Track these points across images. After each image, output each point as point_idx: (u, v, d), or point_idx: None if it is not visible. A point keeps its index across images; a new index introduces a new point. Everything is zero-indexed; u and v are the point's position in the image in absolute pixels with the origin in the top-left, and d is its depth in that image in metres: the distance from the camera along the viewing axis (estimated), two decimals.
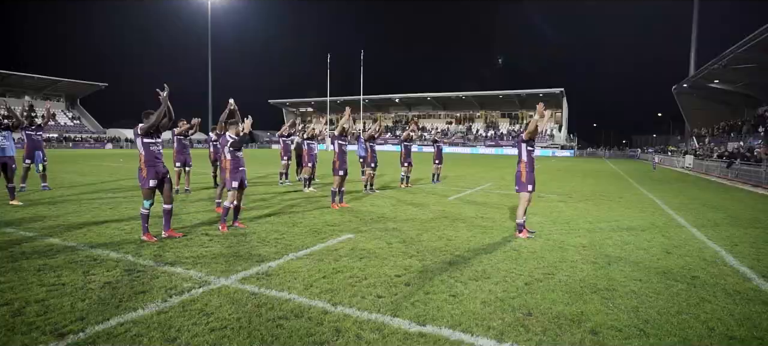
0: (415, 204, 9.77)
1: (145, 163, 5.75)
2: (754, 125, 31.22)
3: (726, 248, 6.23)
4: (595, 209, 9.76)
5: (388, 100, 79.40)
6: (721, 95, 41.95)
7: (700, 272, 4.98)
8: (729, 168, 22.26)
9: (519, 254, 5.56)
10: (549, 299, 3.96)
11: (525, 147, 6.56)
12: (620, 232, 7.22)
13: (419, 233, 6.71)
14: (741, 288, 4.44)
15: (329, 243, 5.88)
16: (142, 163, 5.77)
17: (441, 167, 15.48)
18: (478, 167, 26.28)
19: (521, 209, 6.61)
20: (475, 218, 8.21)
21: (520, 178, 6.57)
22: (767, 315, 3.74)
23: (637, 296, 4.11)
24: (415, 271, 4.71)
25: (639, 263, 5.30)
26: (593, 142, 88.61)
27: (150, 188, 5.77)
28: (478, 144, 67.09)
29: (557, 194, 12.78)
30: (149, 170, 5.76)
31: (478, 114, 75.86)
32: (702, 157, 29.97)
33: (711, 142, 36.55)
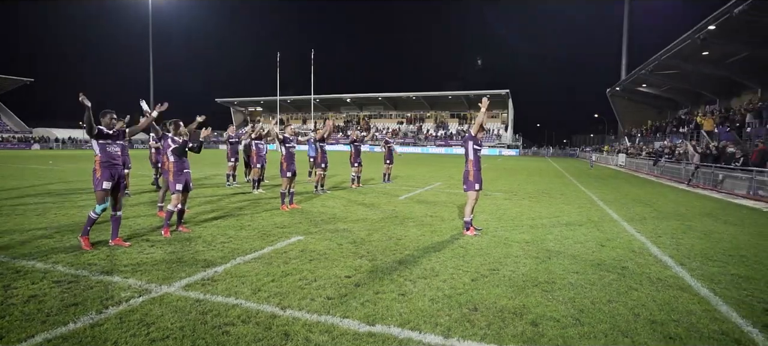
0: (366, 204, 9.81)
1: (100, 165, 5.45)
2: (676, 126, 34.02)
3: (651, 239, 6.76)
4: (538, 206, 10.25)
5: (339, 99, 78.99)
6: (648, 98, 45.37)
7: (629, 262, 5.38)
8: (655, 165, 24.11)
9: (466, 251, 5.74)
10: (494, 294, 4.13)
11: (472, 146, 6.77)
12: (560, 227, 7.63)
13: (370, 233, 6.75)
14: (662, 276, 4.85)
15: (278, 246, 5.78)
16: (97, 164, 5.47)
17: (392, 167, 15.65)
18: (429, 167, 26.77)
19: (469, 208, 6.82)
20: (424, 216, 8.38)
21: (468, 177, 6.77)
22: (683, 299, 4.12)
23: (574, 288, 4.37)
24: (365, 271, 4.74)
25: (576, 256, 5.64)
26: (537, 142, 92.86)
27: (104, 190, 5.43)
28: (428, 144, 68.30)
29: (503, 192, 13.29)
30: (104, 172, 5.45)
31: (428, 114, 77.20)
32: (633, 156, 32.26)
33: (641, 142, 39.41)
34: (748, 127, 22.68)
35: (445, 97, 71.91)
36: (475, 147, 6.75)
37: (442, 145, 66.65)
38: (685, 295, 4.25)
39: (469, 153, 6.77)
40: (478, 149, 6.80)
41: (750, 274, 5.01)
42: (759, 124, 22.03)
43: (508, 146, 64.35)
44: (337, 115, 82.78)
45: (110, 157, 5.51)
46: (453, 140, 67.03)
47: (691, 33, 24.01)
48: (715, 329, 3.47)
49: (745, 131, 22.42)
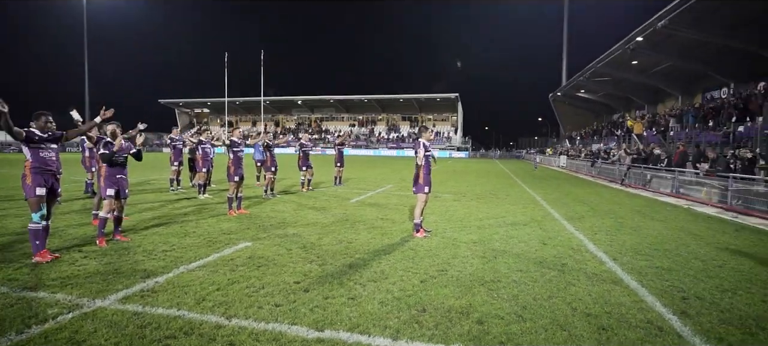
0: (317, 208, 9.71)
1: (30, 170, 4.99)
2: (611, 129, 36.40)
3: (588, 236, 7.19)
4: (485, 207, 10.59)
5: (290, 101, 77.66)
6: (586, 103, 48.23)
7: (568, 259, 5.69)
8: (593, 166, 25.66)
9: (415, 252, 5.83)
10: (442, 295, 4.22)
11: (423, 152, 6.89)
12: (506, 227, 7.94)
13: (320, 237, 6.69)
14: (597, 270, 5.17)
15: (225, 253, 5.59)
16: (27, 169, 5.01)
17: (343, 170, 15.60)
18: (380, 169, 26.93)
19: (418, 210, 6.94)
20: (375, 219, 8.42)
21: (418, 180, 6.89)
22: (615, 292, 4.41)
23: (518, 285, 4.56)
24: (314, 276, 4.69)
25: (520, 254, 5.88)
26: (486, 144, 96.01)
27: (38, 196, 4.98)
28: (380, 146, 68.71)
29: (452, 193, 13.62)
30: (36, 177, 5.00)
31: (380, 117, 77.68)
32: (573, 157, 34.13)
33: (580, 144, 41.78)
34: (671, 131, 24.67)
35: (397, 100, 72.67)
36: (426, 153, 6.89)
37: (393, 147, 67.27)
38: (617, 288, 4.55)
39: (420, 158, 6.89)
40: (429, 155, 6.94)
41: (672, 266, 5.46)
42: (680, 128, 24.03)
43: (458, 148, 66.02)
44: (287, 117, 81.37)
45: (43, 162, 5.08)
46: (405, 143, 67.82)
47: (622, 43, 25.79)
48: (642, 319, 3.74)
49: (669, 134, 24.37)
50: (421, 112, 75.11)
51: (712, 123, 21.43)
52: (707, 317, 3.83)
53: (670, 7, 19.71)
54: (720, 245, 6.77)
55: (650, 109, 35.54)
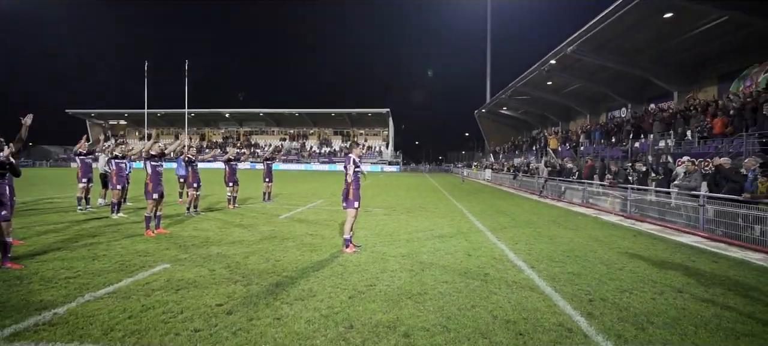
0: (244, 225, 9.35)
1: None
2: (530, 144, 39.08)
3: (509, 246, 7.62)
4: (415, 220, 10.84)
5: (216, 114, 74.46)
6: (508, 119, 51.45)
7: (490, 269, 5.97)
8: (515, 179, 27.30)
9: (344, 268, 5.81)
10: (370, 310, 4.24)
11: (353, 167, 6.93)
12: (433, 240, 8.17)
13: (246, 256, 6.44)
14: (517, 278, 5.49)
15: (139, 276, 5.19)
16: None
17: (272, 186, 15.20)
18: (312, 184, 26.59)
19: (349, 225, 6.94)
20: (305, 236, 8.28)
21: (348, 195, 6.90)
22: (532, 298, 4.71)
23: (443, 297, 4.70)
24: (238, 297, 4.50)
25: (446, 266, 6.08)
26: (416, 159, 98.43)
27: None
28: (312, 161, 67.94)
29: (383, 207, 13.79)
30: None
31: (312, 131, 76.97)
32: (497, 171, 36.08)
33: (503, 158, 44.32)
34: (581, 146, 27.01)
35: (329, 114, 72.52)
36: (356, 169, 6.93)
37: (325, 162, 66.82)
38: (534, 294, 4.86)
39: (350, 173, 6.92)
40: (359, 170, 6.99)
41: (581, 271, 5.94)
42: (589, 144, 26.40)
43: (390, 163, 67.11)
44: (214, 130, 77.90)
45: None
46: (337, 157, 67.66)
47: (538, 65, 27.95)
48: (554, 322, 4.02)
49: (580, 149, 26.67)
50: (354, 126, 75.52)
51: (614, 139, 23.79)
52: (609, 316, 4.20)
53: (577, 35, 21.75)
54: (621, 250, 7.49)
55: (564, 126, 38.68)
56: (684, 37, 19.54)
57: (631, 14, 17.91)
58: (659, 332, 3.83)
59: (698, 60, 21.90)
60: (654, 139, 19.19)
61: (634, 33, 20.22)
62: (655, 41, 20.85)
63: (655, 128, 20.05)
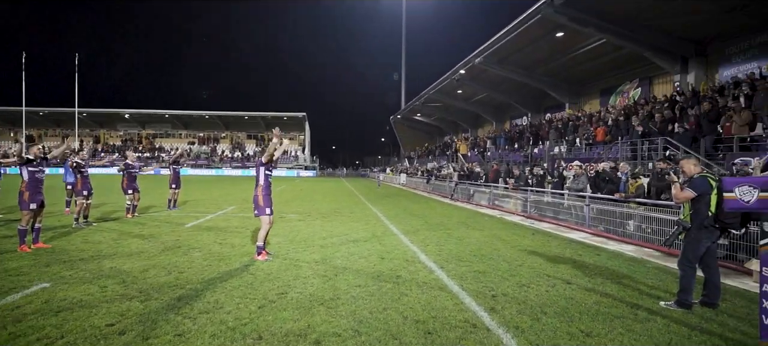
0: (144, 236, 8.60)
1: None
2: (442, 150, 40.93)
3: (421, 248, 7.89)
4: (330, 225, 10.78)
5: (113, 115, 67.62)
6: (422, 125, 53.41)
7: (402, 271, 6.13)
8: (428, 183, 28.36)
9: (255, 277, 5.59)
10: (280, 319, 4.12)
11: (263, 171, 6.71)
12: (348, 244, 8.19)
13: (145, 269, 5.92)
14: (427, 279, 5.70)
15: (8, 300, 4.52)
16: None
17: (179, 192, 14.18)
18: (223, 190, 25.26)
19: (263, 232, 6.70)
20: (213, 245, 7.83)
21: (258, 202, 6.67)
22: (441, 297, 4.92)
23: (356, 301, 4.73)
24: (134, 315, 4.12)
25: (360, 270, 6.12)
26: (333, 163, 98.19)
27: None
28: (223, 166, 64.58)
29: (298, 213, 13.52)
30: None
31: (224, 135, 73.21)
32: (412, 175, 37.21)
33: (417, 163, 45.84)
34: (488, 152, 28.88)
35: (242, 117, 69.46)
36: (266, 172, 6.72)
37: (238, 166, 63.90)
38: (443, 293, 5.08)
39: (260, 178, 6.70)
40: (269, 174, 6.79)
41: (486, 269, 6.34)
42: (495, 149, 28.32)
43: (306, 168, 66.09)
44: (111, 132, 70.79)
45: None
46: (250, 162, 65.07)
47: (450, 74, 29.42)
48: (461, 319, 4.24)
49: (487, 154, 28.49)
50: (268, 130, 73.20)
51: (517, 145, 25.78)
52: (509, 310, 4.53)
53: (483, 48, 23.30)
54: (521, 248, 8.13)
55: (473, 132, 41.07)
56: (573, 54, 21.84)
57: (528, 32, 19.59)
58: (551, 321, 4.20)
59: (584, 76, 24.62)
60: (550, 146, 21.14)
61: (532, 49, 22.15)
62: (550, 57, 23.05)
63: (550, 136, 22.10)
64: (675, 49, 18.07)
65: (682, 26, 16.99)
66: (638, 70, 21.28)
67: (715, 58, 17.62)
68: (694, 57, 17.92)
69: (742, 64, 16.31)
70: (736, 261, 6.59)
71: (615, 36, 17.66)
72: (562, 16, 16.98)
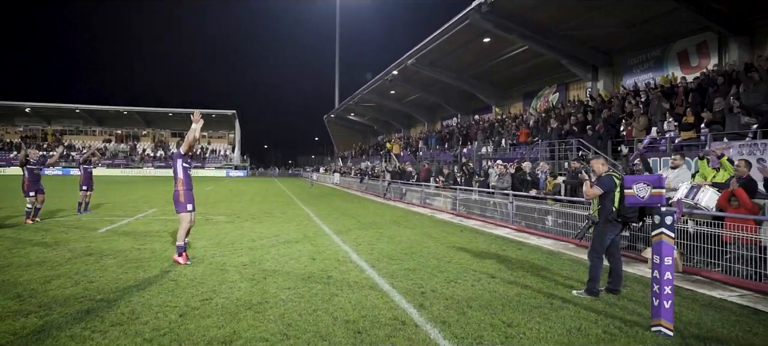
0: (46, 244, 7.75)
1: None
2: (376, 149, 41.30)
3: (352, 247, 7.89)
4: (260, 227, 10.45)
5: (12, 108, 60.42)
6: (356, 125, 53.51)
7: (333, 271, 6.09)
8: (361, 182, 28.47)
9: (176, 284, 5.26)
10: (203, 327, 3.91)
11: (181, 165, 6.35)
12: (279, 246, 7.98)
13: (47, 280, 5.33)
14: (358, 279, 5.71)
15: None
16: None
17: (91, 194, 12.98)
18: (144, 192, 23.51)
19: (182, 231, 6.33)
20: (130, 250, 7.26)
21: (179, 198, 6.31)
22: (371, 296, 4.94)
23: (285, 304, 4.61)
24: (27, 333, 3.69)
25: (290, 272, 5.99)
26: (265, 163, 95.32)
27: None
28: (145, 165, 60.19)
29: (226, 215, 12.96)
30: None
31: (145, 132, 68.29)
32: (346, 175, 37.13)
33: (351, 162, 45.84)
34: (420, 151, 29.60)
35: (166, 114, 65.20)
36: (184, 165, 6.37)
37: (161, 166, 59.89)
38: (374, 292, 5.11)
39: (178, 172, 6.34)
40: (187, 167, 6.44)
41: (416, 266, 6.48)
42: (426, 149, 29.10)
43: (236, 167, 63.59)
44: (9, 128, 63.22)
45: None
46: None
47: (383, 75, 29.74)
48: (390, 317, 4.29)
49: (418, 154, 29.19)
50: None
51: (447, 145, 26.67)
52: (437, 305, 4.66)
53: (415, 50, 23.84)
54: (450, 244, 8.41)
55: (405, 132, 41.86)
56: (499, 59, 23.03)
57: (458, 37, 20.35)
58: (476, 314, 4.39)
59: (509, 79, 26.05)
60: (478, 146, 22.12)
61: (461, 53, 23.03)
62: (478, 61, 24.12)
63: (478, 136, 23.13)
64: (587, 58, 19.73)
65: (594, 38, 18.61)
66: (556, 76, 22.93)
67: (619, 68, 19.47)
68: (603, 66, 19.70)
69: (640, 74, 18.17)
70: (636, 251, 7.32)
71: (536, 44, 18.89)
72: (489, 23, 17.83)
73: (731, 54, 14.76)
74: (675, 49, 16.82)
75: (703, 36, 15.71)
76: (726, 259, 6.08)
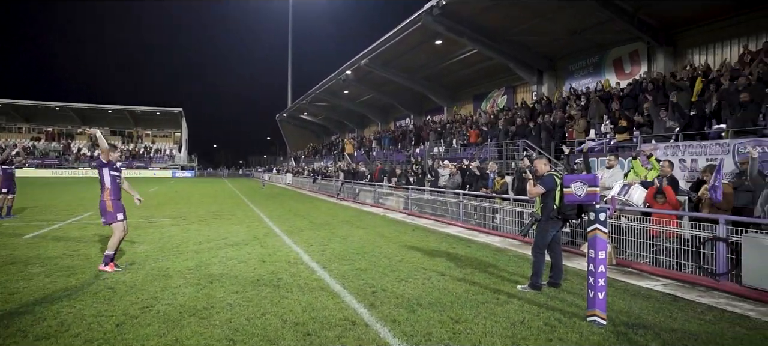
0: None
1: None
2: (329, 149, 40.99)
3: (304, 249, 7.79)
4: (207, 229, 10.07)
5: None
6: (309, 124, 52.87)
7: (284, 273, 5.98)
8: (314, 182, 28.16)
9: (114, 292, 4.97)
10: (142, 336, 3.72)
11: (109, 172, 6.01)
12: (226, 248, 7.73)
13: None
14: (309, 280, 5.65)
15: None
16: None
17: (13, 198, 11.95)
18: (78, 194, 21.98)
19: (116, 241, 5.99)
20: (61, 257, 6.76)
21: (106, 208, 5.96)
22: (322, 297, 4.90)
23: (232, 308, 4.48)
24: None
25: (238, 276, 5.82)
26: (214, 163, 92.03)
27: None
28: (80, 166, 56.20)
29: (171, 217, 12.38)
30: None
31: (80, 130, 63.75)
32: (298, 175, 36.57)
33: (303, 162, 45.20)
34: (373, 151, 29.70)
35: (104, 111, 61.26)
36: (112, 173, 6.03)
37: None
38: (324, 293, 5.07)
39: (106, 180, 5.99)
40: (116, 175, 6.10)
41: (368, 266, 6.50)
42: (380, 149, 29.24)
43: (183, 167, 60.90)
44: None
45: None
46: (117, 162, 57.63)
47: (337, 74, 29.54)
48: (341, 317, 4.28)
49: (372, 154, 29.28)
50: (138, 126, 65.85)
51: (400, 145, 26.94)
52: (387, 304, 4.70)
53: (369, 50, 23.90)
54: (401, 243, 8.50)
55: (359, 132, 41.84)
56: (450, 62, 23.56)
57: (410, 38, 20.62)
58: (425, 312, 4.47)
59: (460, 81, 26.71)
60: (430, 146, 22.50)
61: (414, 54, 23.34)
62: (430, 63, 24.55)
63: (431, 136, 23.53)
64: (533, 63, 20.63)
65: (539, 44, 19.50)
66: (504, 79, 23.77)
67: (562, 73, 20.53)
68: (547, 71, 20.68)
69: (581, 80, 19.24)
70: (576, 246, 7.74)
71: (485, 47, 19.50)
72: (440, 26, 18.20)
73: (658, 63, 15.97)
74: (611, 57, 17.95)
75: (635, 45, 16.88)
76: (653, 251, 6.56)
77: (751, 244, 5.19)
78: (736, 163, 8.07)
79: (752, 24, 13.74)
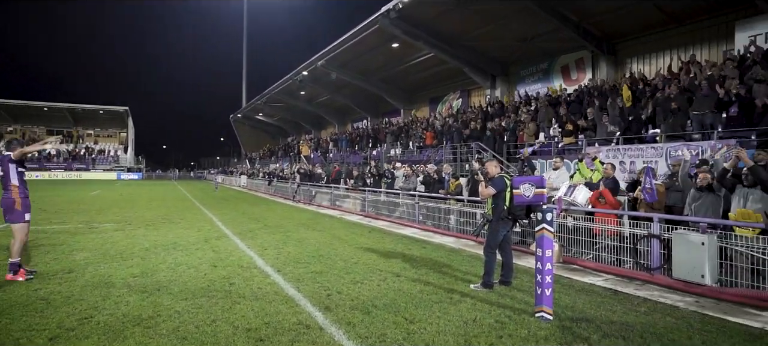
0: None
1: None
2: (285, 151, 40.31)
3: (258, 252, 7.61)
4: (154, 234, 9.62)
5: None
6: (264, 125, 51.75)
7: (236, 278, 5.82)
8: (269, 185, 27.57)
9: (48, 303, 4.64)
10: None
11: (15, 169, 5.64)
12: (175, 253, 7.42)
13: None
14: (263, 284, 5.53)
15: None
16: None
17: None
18: None
19: (19, 245, 5.59)
20: None
21: (13, 206, 5.59)
22: (275, 302, 4.81)
23: (180, 316, 4.30)
24: None
25: (188, 282, 5.60)
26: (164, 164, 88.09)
27: None
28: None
29: (114, 222, 11.72)
30: None
31: (11, 129, 59.01)
32: (253, 177, 35.68)
33: (259, 164, 44.17)
34: (330, 153, 29.51)
35: (40, 108, 57.04)
36: (19, 170, 5.68)
37: (34, 168, 52.26)
38: (278, 298, 4.98)
39: (12, 177, 5.62)
40: (23, 172, 5.76)
41: (323, 269, 6.44)
42: (337, 151, 29.10)
43: (129, 169, 57.84)
44: None
45: None
46: (53, 163, 53.96)
47: (293, 75, 29.15)
48: (295, 322, 4.22)
49: (329, 156, 29.09)
50: (79, 126, 61.86)
51: (357, 147, 26.93)
52: (343, 307, 4.68)
53: (326, 51, 23.77)
54: (358, 245, 8.50)
55: (316, 133, 41.43)
56: (406, 65, 23.86)
57: (367, 40, 20.70)
58: (380, 313, 4.49)
59: (416, 84, 27.09)
60: (387, 148, 22.66)
61: (370, 56, 23.44)
62: (387, 65, 24.74)
63: (387, 139, 23.69)
64: (487, 67, 21.27)
65: (492, 49, 20.13)
66: (459, 82, 24.35)
67: (514, 78, 21.31)
68: (500, 75, 21.39)
69: (531, 85, 20.06)
70: (526, 245, 8.04)
71: (441, 51, 19.91)
72: (397, 29, 18.39)
73: (601, 71, 16.95)
74: (559, 64, 18.85)
75: (581, 53, 17.82)
76: (596, 249, 6.94)
77: (680, 240, 5.62)
78: (669, 165, 8.70)
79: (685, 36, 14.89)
